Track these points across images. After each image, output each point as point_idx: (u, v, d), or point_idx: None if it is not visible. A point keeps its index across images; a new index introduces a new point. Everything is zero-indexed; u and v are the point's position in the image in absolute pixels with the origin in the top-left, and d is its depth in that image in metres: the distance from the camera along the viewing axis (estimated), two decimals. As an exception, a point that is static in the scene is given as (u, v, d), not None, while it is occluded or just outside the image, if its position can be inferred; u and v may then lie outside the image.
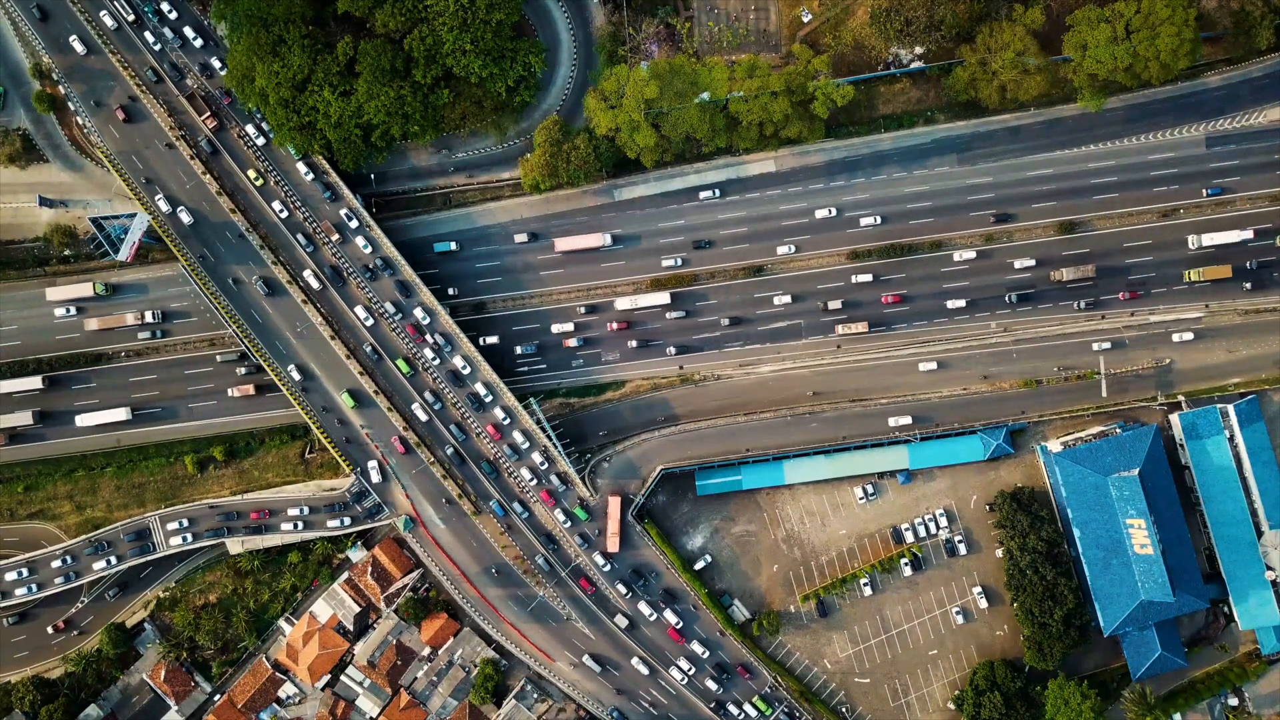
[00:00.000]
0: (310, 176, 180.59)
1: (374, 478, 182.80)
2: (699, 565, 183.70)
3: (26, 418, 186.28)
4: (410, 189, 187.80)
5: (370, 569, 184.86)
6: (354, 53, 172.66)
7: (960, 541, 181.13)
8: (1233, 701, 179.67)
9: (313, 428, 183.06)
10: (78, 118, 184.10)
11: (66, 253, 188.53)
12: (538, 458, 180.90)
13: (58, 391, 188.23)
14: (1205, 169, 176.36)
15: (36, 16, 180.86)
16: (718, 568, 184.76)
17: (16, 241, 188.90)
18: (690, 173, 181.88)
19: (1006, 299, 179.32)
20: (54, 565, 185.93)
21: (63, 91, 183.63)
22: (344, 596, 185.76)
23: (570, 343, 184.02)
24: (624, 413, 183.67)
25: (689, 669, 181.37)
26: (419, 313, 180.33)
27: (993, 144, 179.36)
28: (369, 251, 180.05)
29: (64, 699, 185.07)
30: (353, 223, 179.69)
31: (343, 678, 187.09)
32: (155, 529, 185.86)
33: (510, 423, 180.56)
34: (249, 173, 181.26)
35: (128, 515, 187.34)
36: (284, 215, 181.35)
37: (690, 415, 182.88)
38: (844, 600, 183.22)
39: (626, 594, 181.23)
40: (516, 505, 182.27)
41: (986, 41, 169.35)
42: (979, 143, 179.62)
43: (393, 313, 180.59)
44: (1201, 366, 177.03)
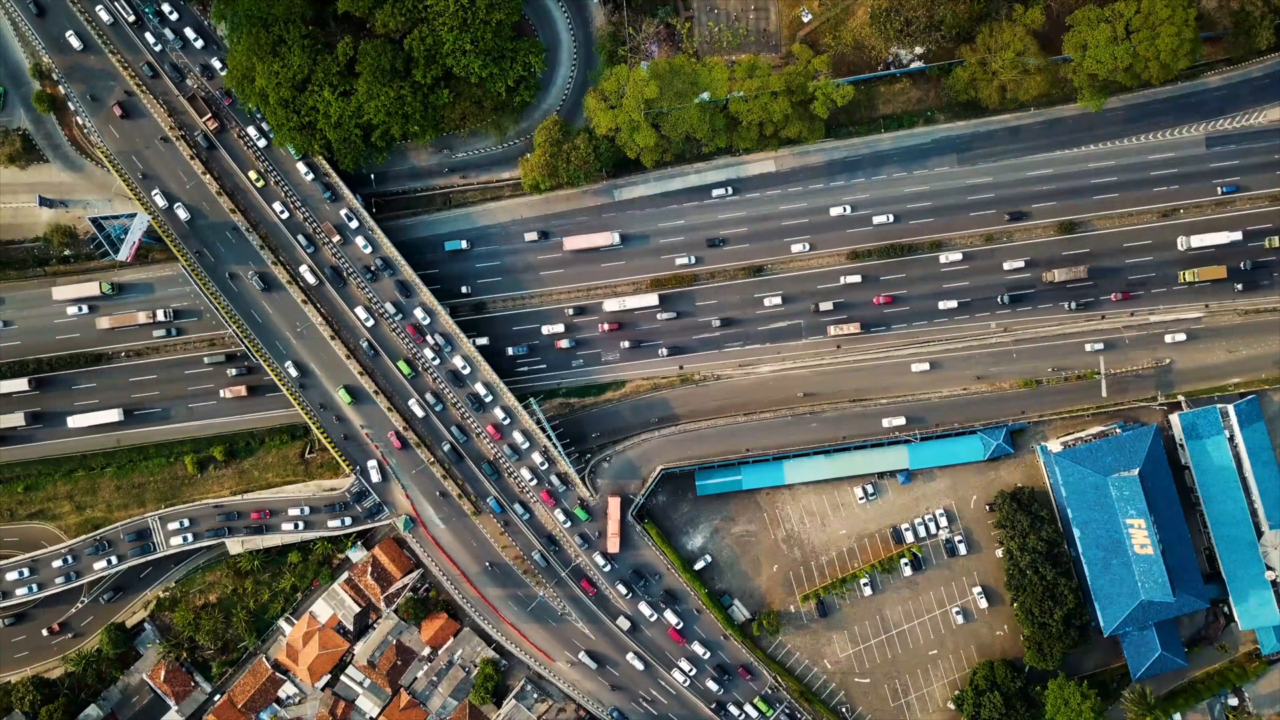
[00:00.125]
0: (310, 177, 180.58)
1: (374, 477, 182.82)
2: (699, 565, 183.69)
3: (19, 419, 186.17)
4: (410, 189, 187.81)
5: (370, 569, 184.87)
6: (354, 53, 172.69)
7: (960, 541, 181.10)
8: (1233, 701, 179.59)
9: (312, 427, 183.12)
10: (78, 118, 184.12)
11: (66, 253, 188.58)
12: (538, 458, 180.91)
13: (58, 392, 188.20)
14: (1205, 169, 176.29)
15: (33, 12, 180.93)
16: (718, 568, 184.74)
17: (16, 241, 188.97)
18: (690, 173, 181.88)
19: (1000, 299, 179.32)
20: (55, 565, 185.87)
21: (63, 91, 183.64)
22: (344, 596, 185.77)
23: (562, 344, 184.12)
24: (624, 413, 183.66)
25: (690, 670, 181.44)
26: (419, 313, 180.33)
27: (993, 144, 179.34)
28: (369, 252, 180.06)
29: (64, 699, 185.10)
30: (353, 223, 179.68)
31: (343, 678, 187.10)
32: (155, 529, 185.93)
33: (510, 423, 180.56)
34: (250, 174, 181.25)
35: (128, 515, 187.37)
36: (284, 216, 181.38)
37: (690, 415, 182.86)
38: (844, 600, 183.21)
39: (627, 594, 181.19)
40: (517, 506, 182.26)
41: (986, 41, 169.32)
42: (979, 143, 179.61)
43: (393, 313, 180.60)
44: (1201, 366, 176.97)
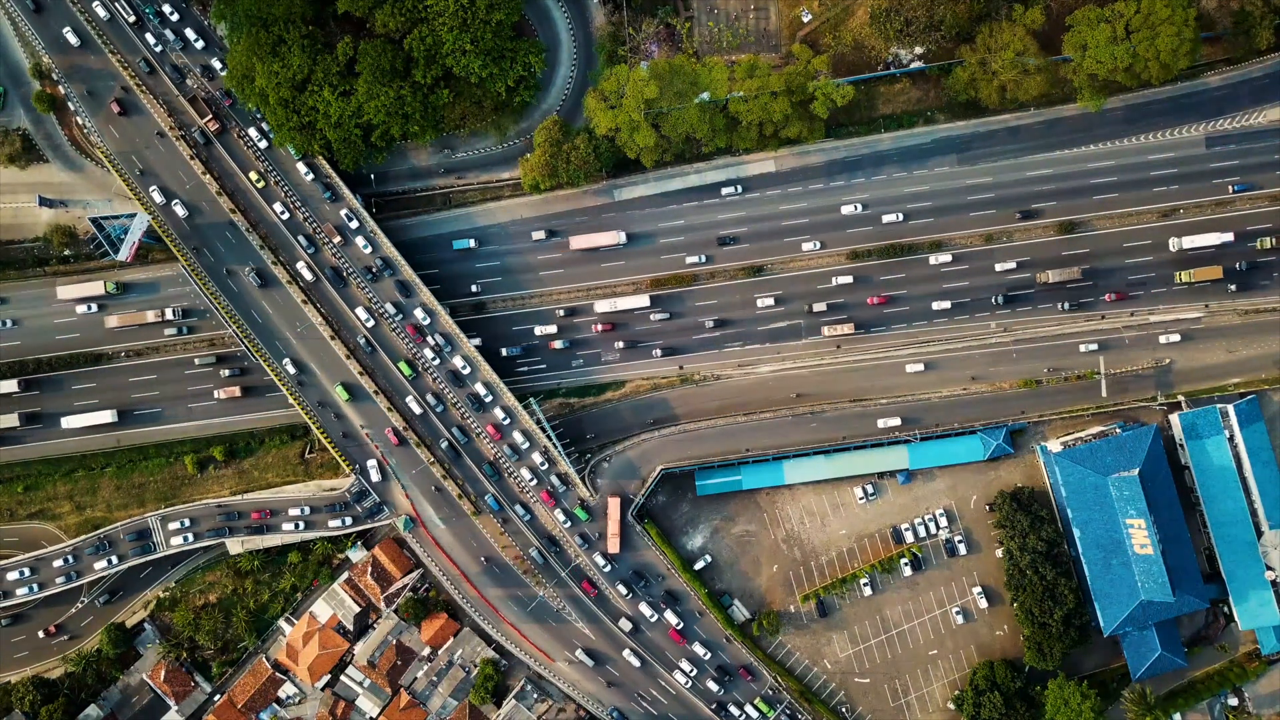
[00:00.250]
0: (310, 177, 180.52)
1: (373, 476, 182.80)
2: (699, 565, 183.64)
3: (14, 419, 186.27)
4: (410, 189, 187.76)
5: (370, 569, 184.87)
6: (354, 53, 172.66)
7: (960, 541, 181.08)
8: (1233, 701, 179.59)
9: (311, 426, 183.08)
10: (78, 118, 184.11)
11: (66, 253, 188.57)
12: (538, 458, 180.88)
13: (59, 392, 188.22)
14: (1205, 169, 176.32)
15: (30, 8, 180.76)
16: (718, 568, 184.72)
17: (16, 241, 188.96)
18: (690, 173, 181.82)
19: (995, 300, 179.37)
20: (55, 565, 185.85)
21: (62, 91, 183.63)
22: (344, 596, 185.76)
23: (556, 345, 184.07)
24: (624, 413, 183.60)
25: (691, 671, 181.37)
26: (419, 313, 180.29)
27: (993, 144, 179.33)
28: (369, 252, 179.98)
29: (64, 699, 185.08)
30: (353, 223, 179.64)
31: (343, 678, 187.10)
32: (156, 529, 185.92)
33: (510, 423, 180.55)
34: (250, 174, 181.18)
35: (128, 515, 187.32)
36: (285, 216, 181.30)
37: (690, 415, 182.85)
38: (844, 600, 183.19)
39: (627, 595, 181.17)
40: (518, 508, 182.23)
41: (986, 41, 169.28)
42: (979, 143, 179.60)
43: (393, 313, 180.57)
44: (1201, 366, 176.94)
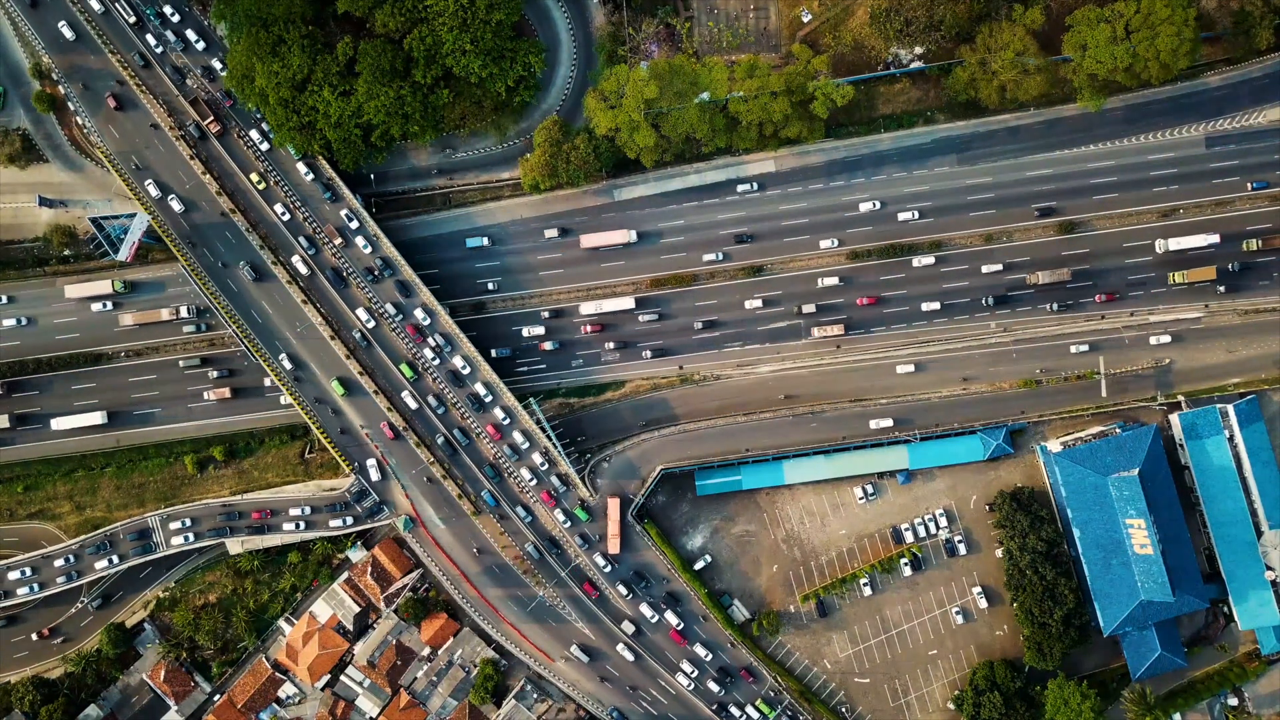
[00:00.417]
0: (310, 177, 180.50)
1: (373, 476, 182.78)
2: (699, 565, 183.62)
3: (3, 420, 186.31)
4: (410, 189, 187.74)
5: (370, 569, 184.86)
6: (354, 53, 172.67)
7: (960, 541, 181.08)
8: (1232, 701, 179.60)
9: (310, 425, 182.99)
10: (77, 118, 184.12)
11: (66, 253, 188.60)
12: (538, 458, 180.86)
13: (49, 393, 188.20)
14: (1205, 169, 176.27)
15: (27, 2, 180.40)
16: (718, 568, 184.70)
17: (16, 241, 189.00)
18: (690, 173, 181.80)
19: (984, 301, 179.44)
20: (57, 565, 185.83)
21: (62, 91, 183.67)
22: (344, 596, 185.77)
23: (546, 346, 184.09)
24: (624, 413, 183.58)
25: (692, 672, 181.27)
26: (419, 313, 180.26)
27: (993, 144, 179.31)
28: (369, 252, 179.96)
29: (64, 699, 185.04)
30: (353, 224, 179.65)
31: (342, 678, 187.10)
32: (157, 528, 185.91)
33: (510, 423, 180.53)
34: (251, 175, 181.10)
35: (128, 515, 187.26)
36: (285, 217, 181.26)
37: (690, 415, 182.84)
38: (844, 600, 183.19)
39: (627, 595, 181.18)
40: (519, 509, 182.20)
41: (986, 41, 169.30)
42: (979, 143, 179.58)
43: (393, 314, 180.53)
44: (1201, 366, 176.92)
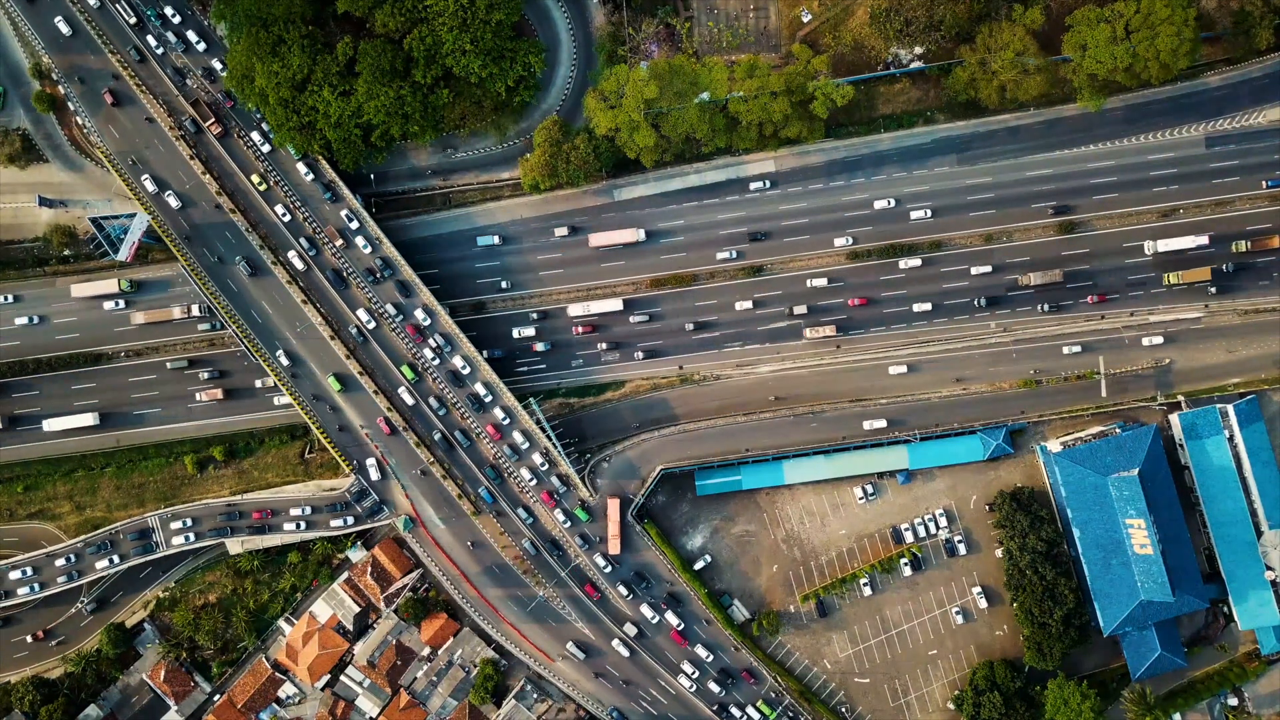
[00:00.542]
0: (310, 177, 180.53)
1: (373, 475, 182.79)
2: (699, 565, 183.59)
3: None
4: (410, 189, 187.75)
5: (370, 569, 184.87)
6: (354, 53, 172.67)
7: (960, 541, 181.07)
8: (1232, 701, 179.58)
9: (310, 425, 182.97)
10: (77, 117, 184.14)
11: (66, 253, 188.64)
12: (538, 458, 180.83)
13: (56, 392, 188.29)
14: (1205, 169, 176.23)
15: None
16: (718, 568, 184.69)
17: (16, 241, 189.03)
18: (690, 173, 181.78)
19: (976, 302, 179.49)
20: (58, 564, 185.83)
21: (62, 91, 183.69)
22: (344, 596, 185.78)
23: (538, 347, 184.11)
24: (623, 413, 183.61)
25: (694, 674, 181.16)
26: (419, 314, 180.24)
27: (992, 144, 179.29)
28: (369, 253, 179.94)
29: (64, 699, 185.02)
30: (353, 224, 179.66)
31: (342, 678, 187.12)
32: (157, 528, 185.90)
33: (510, 423, 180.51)
34: (252, 177, 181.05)
35: (128, 515, 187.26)
36: (286, 218, 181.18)
37: (690, 415, 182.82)
38: (844, 600, 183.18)
39: (628, 596, 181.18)
40: (521, 511, 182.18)
41: (986, 41, 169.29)
42: (979, 143, 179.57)
43: (394, 314, 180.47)
44: (1201, 366, 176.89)
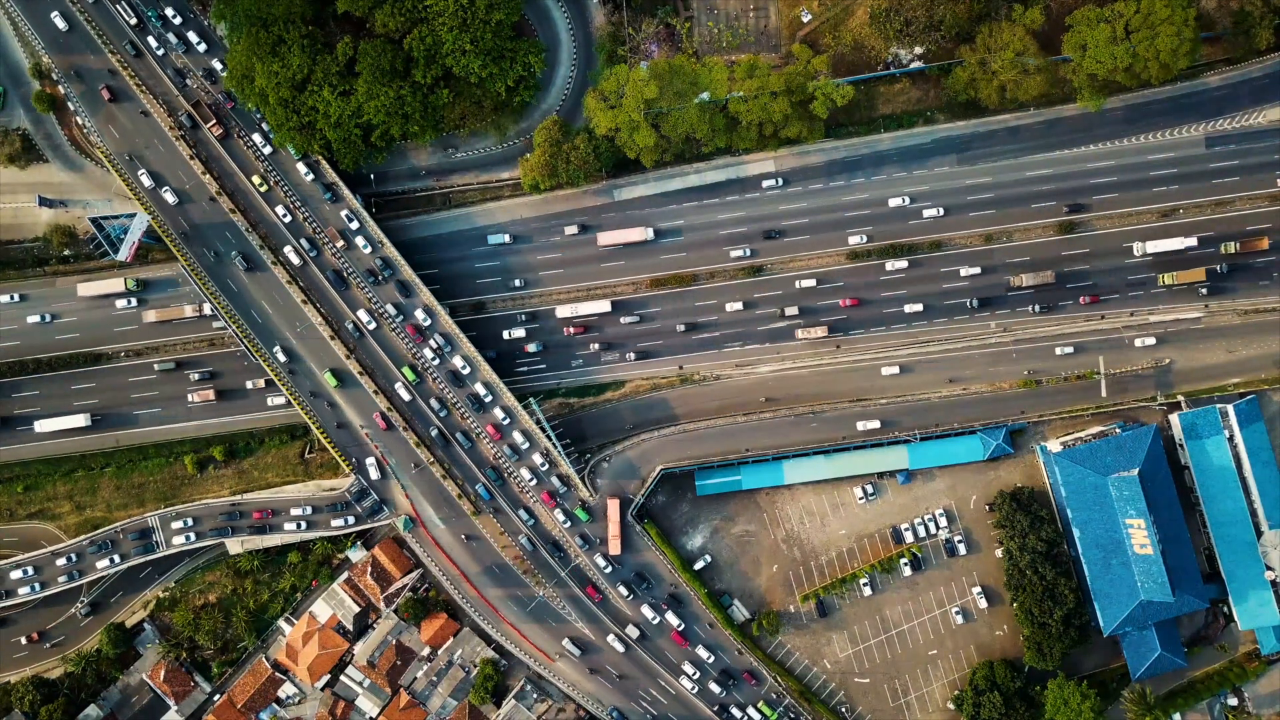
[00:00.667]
0: (310, 178, 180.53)
1: (372, 474, 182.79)
2: (699, 565, 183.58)
3: None
4: (410, 189, 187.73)
5: (370, 569, 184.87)
6: (354, 53, 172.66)
7: (960, 541, 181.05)
8: (1232, 701, 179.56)
9: (310, 424, 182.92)
10: (77, 117, 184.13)
11: (66, 253, 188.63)
12: (538, 459, 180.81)
13: (57, 392, 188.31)
14: (1205, 169, 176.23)
15: None
16: (717, 568, 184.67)
17: (16, 241, 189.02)
18: (690, 173, 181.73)
19: (968, 303, 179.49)
20: (59, 564, 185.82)
21: (62, 91, 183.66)
22: (344, 596, 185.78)
23: (530, 348, 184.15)
24: (623, 413, 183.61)
25: (695, 674, 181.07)
26: (420, 314, 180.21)
27: (992, 144, 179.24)
28: (369, 253, 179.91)
29: (64, 699, 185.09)
30: (354, 224, 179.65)
31: (342, 678, 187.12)
32: (157, 528, 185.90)
33: (510, 423, 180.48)
34: (253, 178, 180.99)
35: (128, 515, 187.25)
36: (287, 219, 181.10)
37: (690, 415, 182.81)
38: (844, 600, 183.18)
39: (628, 596, 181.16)
40: (522, 512, 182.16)
41: (986, 41, 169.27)
42: (979, 143, 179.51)
43: (394, 314, 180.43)
44: (1201, 366, 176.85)
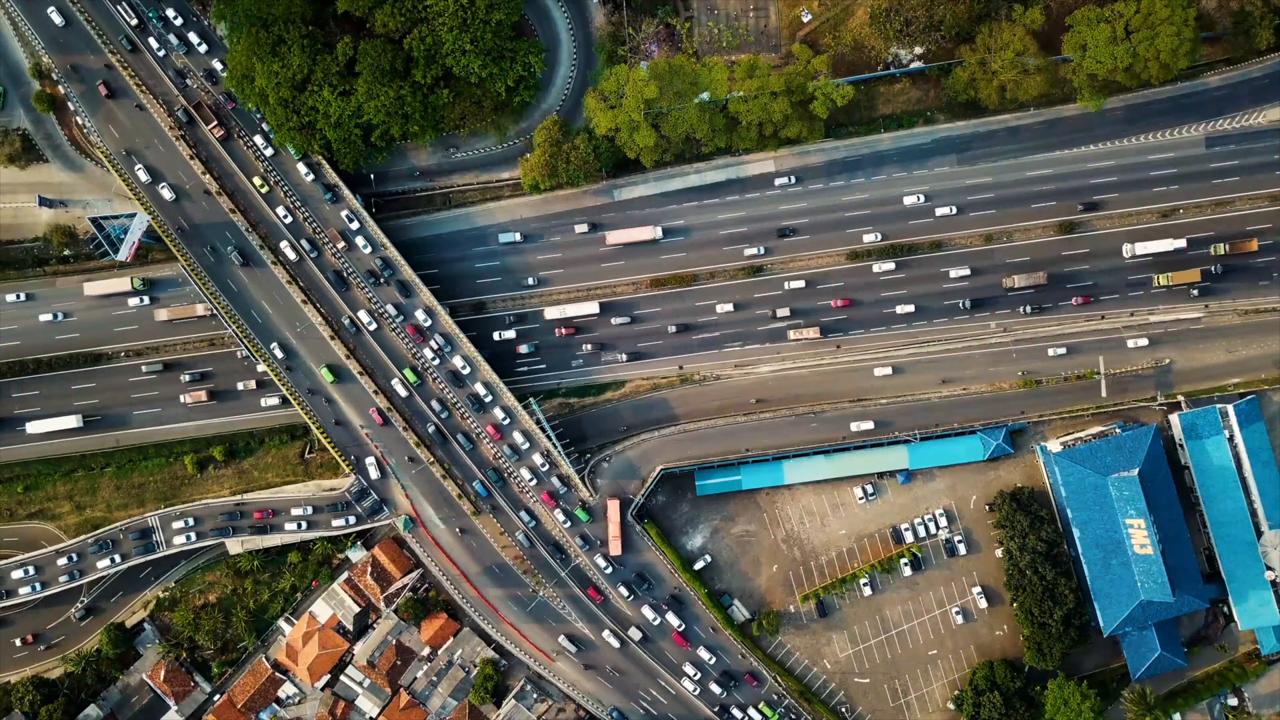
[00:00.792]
0: (311, 178, 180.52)
1: (372, 474, 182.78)
2: (699, 565, 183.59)
3: None
4: (410, 189, 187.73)
5: (370, 569, 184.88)
6: (354, 53, 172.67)
7: (960, 541, 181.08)
8: (1232, 701, 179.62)
9: (309, 423, 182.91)
10: (77, 117, 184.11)
11: (66, 253, 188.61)
12: (538, 459, 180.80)
13: (57, 392, 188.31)
14: (1205, 169, 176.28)
15: None
16: (718, 568, 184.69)
17: (16, 241, 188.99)
18: (690, 173, 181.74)
19: (961, 304, 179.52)
20: (60, 564, 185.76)
21: (62, 91, 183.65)
22: (344, 596, 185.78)
23: (522, 349, 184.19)
24: (624, 413, 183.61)
25: (696, 675, 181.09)
26: (420, 314, 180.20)
27: (992, 144, 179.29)
28: (369, 253, 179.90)
29: (64, 699, 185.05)
30: (354, 225, 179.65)
31: (342, 678, 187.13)
32: (158, 528, 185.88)
33: (510, 423, 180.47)
34: (254, 179, 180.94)
35: (128, 515, 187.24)
36: (288, 220, 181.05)
37: (690, 415, 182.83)
38: (844, 600, 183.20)
39: (629, 597, 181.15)
40: (523, 513, 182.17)
41: (986, 41, 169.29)
42: (979, 143, 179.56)
43: (394, 315, 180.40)
44: (1201, 366, 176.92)
